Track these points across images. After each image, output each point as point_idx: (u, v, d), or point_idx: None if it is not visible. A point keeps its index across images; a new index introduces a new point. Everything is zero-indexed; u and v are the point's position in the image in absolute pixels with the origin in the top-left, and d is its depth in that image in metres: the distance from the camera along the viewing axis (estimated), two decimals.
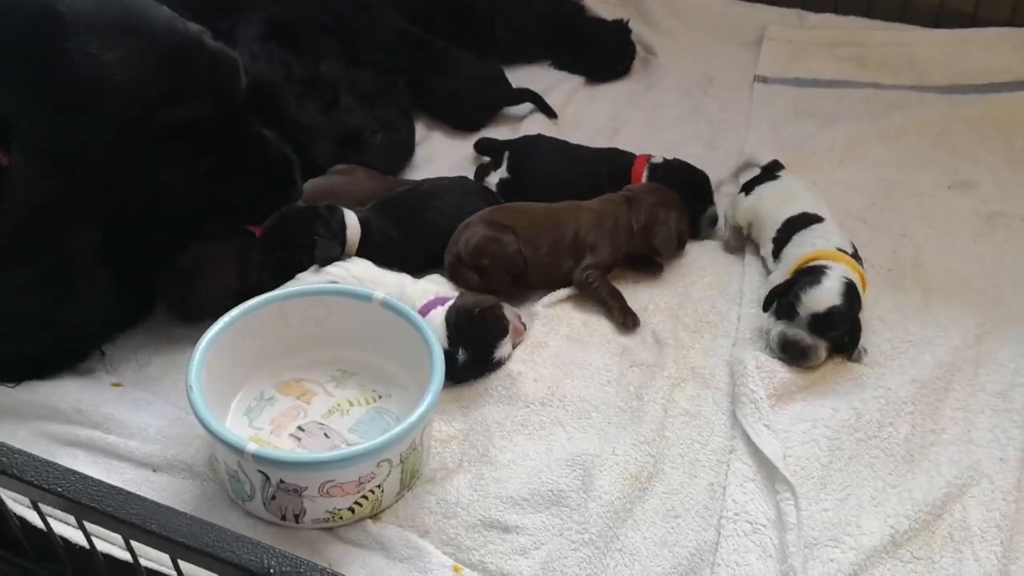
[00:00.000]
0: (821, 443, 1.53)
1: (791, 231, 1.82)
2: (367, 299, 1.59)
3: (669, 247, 1.89)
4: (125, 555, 1.29)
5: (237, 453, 1.33)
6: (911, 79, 2.50)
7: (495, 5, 2.56)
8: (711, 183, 2.04)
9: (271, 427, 1.54)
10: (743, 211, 1.95)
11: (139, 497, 1.16)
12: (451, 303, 1.66)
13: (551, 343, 1.74)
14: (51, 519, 1.31)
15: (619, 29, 2.58)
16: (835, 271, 1.67)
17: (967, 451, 1.55)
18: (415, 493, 1.49)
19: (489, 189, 2.04)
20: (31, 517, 1.35)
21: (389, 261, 1.75)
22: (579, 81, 2.57)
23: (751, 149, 2.27)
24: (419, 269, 1.81)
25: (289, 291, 1.61)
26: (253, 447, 1.33)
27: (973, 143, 2.30)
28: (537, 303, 1.82)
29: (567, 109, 2.46)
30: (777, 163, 1.99)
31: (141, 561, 1.25)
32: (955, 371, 1.68)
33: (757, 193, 1.93)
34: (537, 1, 2.62)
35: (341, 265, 1.70)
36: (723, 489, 1.49)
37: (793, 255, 1.77)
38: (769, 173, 1.95)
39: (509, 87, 2.43)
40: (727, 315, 1.81)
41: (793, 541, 1.39)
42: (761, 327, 1.75)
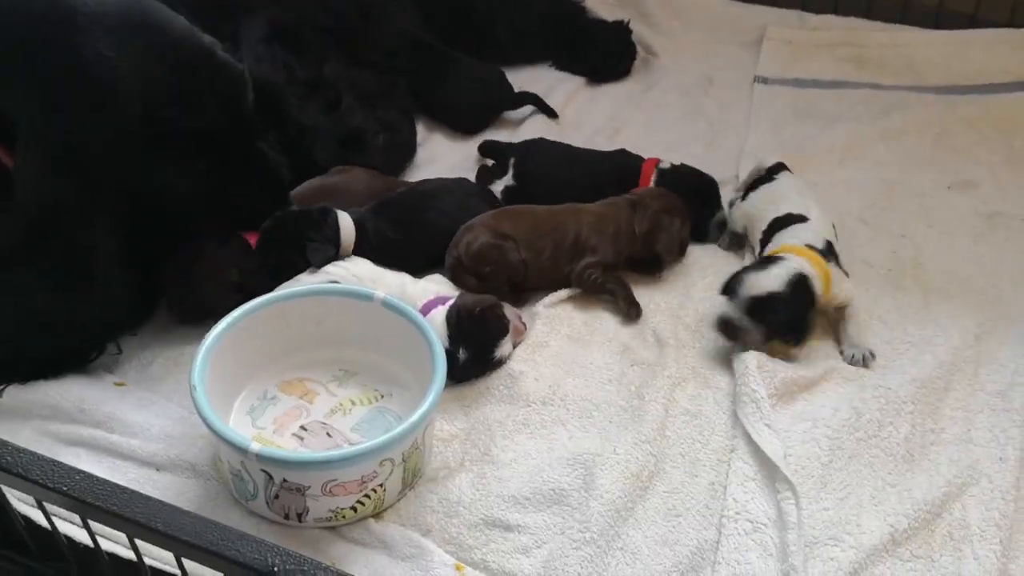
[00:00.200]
0: (821, 442, 1.54)
1: (773, 231, 1.84)
2: (368, 299, 1.60)
3: (671, 253, 1.90)
4: (129, 554, 1.30)
5: (241, 452, 1.34)
6: (911, 80, 2.51)
7: (496, 6, 2.57)
8: (718, 186, 2.05)
9: (274, 426, 1.55)
10: (738, 216, 1.97)
11: (144, 496, 1.16)
12: (452, 302, 1.67)
13: (552, 343, 1.75)
14: (55, 518, 1.31)
15: (620, 30, 2.59)
16: (789, 263, 1.68)
17: (967, 450, 1.56)
18: (417, 492, 1.50)
19: (489, 190, 2.04)
20: (35, 516, 1.36)
21: (388, 261, 1.76)
22: (579, 82, 2.58)
23: (751, 149, 2.28)
24: (420, 269, 1.81)
25: (291, 291, 1.62)
26: (257, 447, 1.33)
27: (972, 143, 2.30)
28: (538, 303, 1.83)
29: (568, 110, 2.47)
30: (780, 165, 1.99)
31: (145, 560, 1.26)
32: (955, 371, 1.69)
33: (750, 198, 1.94)
34: (538, 2, 2.63)
35: (342, 265, 1.71)
36: (724, 488, 1.50)
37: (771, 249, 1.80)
38: (766, 177, 1.96)
39: (510, 90, 2.43)
40: None
41: (794, 540, 1.39)
42: None
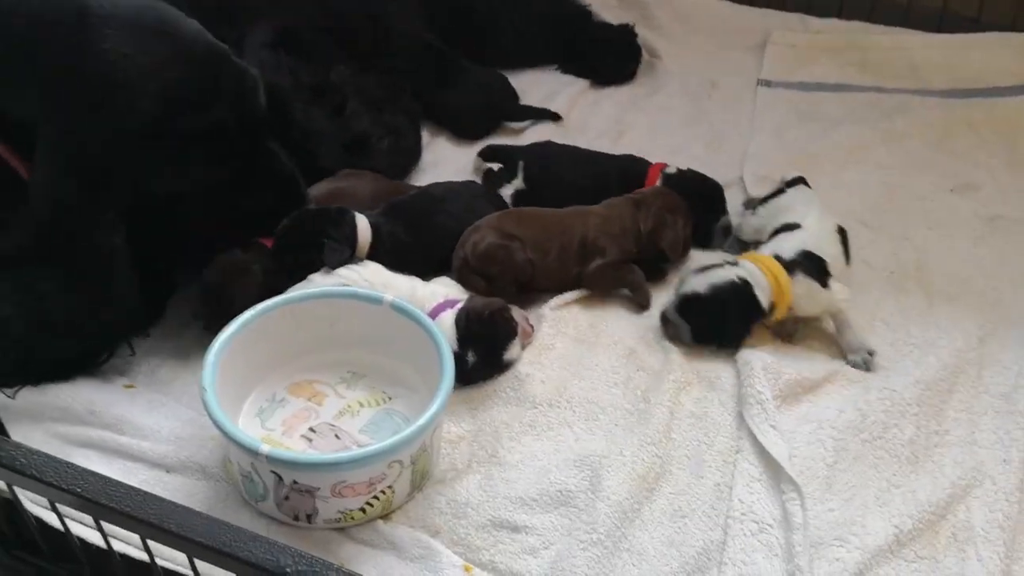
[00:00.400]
0: (827, 444, 1.55)
1: (769, 240, 1.85)
2: (377, 302, 1.61)
3: (676, 250, 1.91)
4: (141, 555, 1.32)
5: (251, 454, 1.35)
6: (913, 83, 2.52)
7: (500, 9, 2.58)
8: (723, 191, 2.06)
9: (283, 428, 1.56)
10: (748, 227, 1.98)
11: (157, 497, 1.18)
12: (460, 306, 1.68)
13: (558, 345, 1.76)
14: (68, 519, 1.33)
15: (625, 33, 2.60)
16: (733, 269, 1.71)
17: (971, 452, 1.57)
18: (425, 494, 1.51)
19: (497, 194, 2.05)
20: (48, 517, 1.37)
21: (399, 264, 1.77)
22: (583, 85, 2.59)
23: (755, 153, 2.29)
24: (428, 272, 1.82)
25: (301, 294, 1.63)
26: (267, 448, 1.34)
27: (974, 146, 2.32)
28: (544, 305, 1.84)
29: (572, 113, 2.48)
30: (798, 179, 1.98)
31: (157, 561, 1.27)
32: (959, 373, 1.70)
33: (759, 211, 1.95)
34: (542, 5, 2.64)
35: (353, 268, 1.71)
36: (729, 489, 1.51)
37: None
38: (780, 190, 1.96)
39: (514, 96, 2.45)
40: None
41: (799, 541, 1.40)
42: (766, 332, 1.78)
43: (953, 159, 2.27)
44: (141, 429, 1.58)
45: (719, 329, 1.72)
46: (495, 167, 2.16)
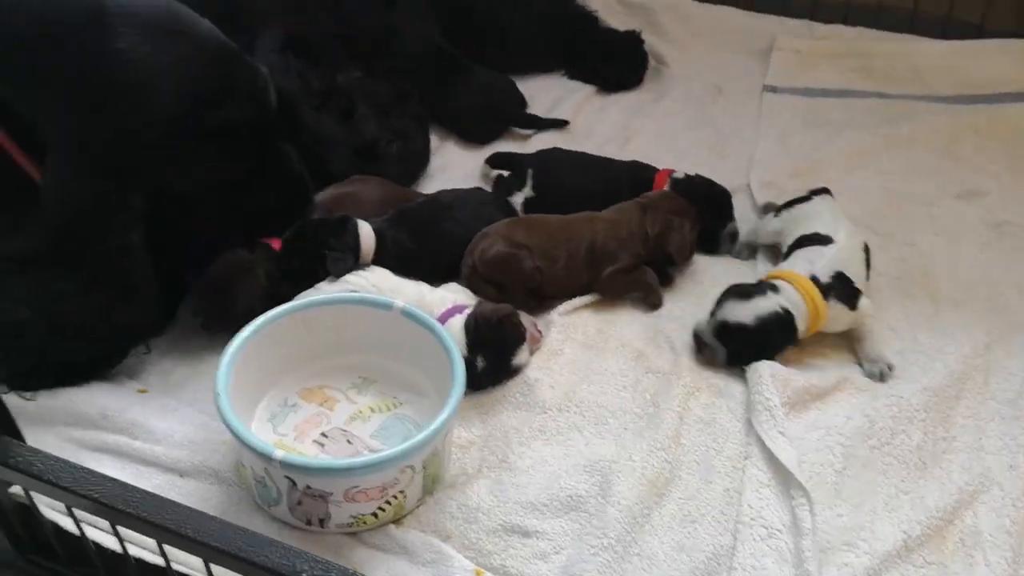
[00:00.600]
0: (835, 450, 1.56)
1: (797, 247, 1.84)
2: (387, 307, 1.62)
3: (683, 253, 1.92)
4: (156, 559, 1.33)
5: (265, 459, 1.36)
6: (918, 89, 2.53)
7: (507, 16, 2.59)
8: (731, 198, 2.06)
9: (295, 433, 1.57)
10: (768, 230, 1.98)
11: (173, 503, 1.19)
12: (469, 311, 1.69)
13: (567, 350, 1.77)
14: (83, 524, 1.33)
15: (632, 40, 2.61)
16: (776, 297, 1.69)
17: (978, 458, 1.58)
18: (436, 498, 1.52)
19: (506, 200, 2.06)
20: (63, 522, 1.38)
21: (405, 271, 1.78)
22: (590, 91, 2.60)
23: (761, 158, 2.30)
24: (436, 278, 1.83)
25: (312, 300, 1.64)
26: (281, 454, 1.35)
27: (980, 153, 2.33)
28: (553, 311, 1.84)
29: (578, 119, 2.49)
30: (823, 189, 1.98)
31: (172, 565, 1.28)
32: (965, 379, 1.71)
33: (783, 215, 1.95)
34: (550, 12, 2.65)
35: (360, 274, 1.73)
36: (739, 495, 1.51)
37: (784, 263, 1.81)
38: (805, 197, 1.96)
39: (521, 102, 2.46)
40: None
41: (808, 546, 1.41)
42: None
43: (959, 165, 2.28)
44: (154, 433, 1.59)
45: (757, 355, 1.70)
46: (505, 174, 2.16)
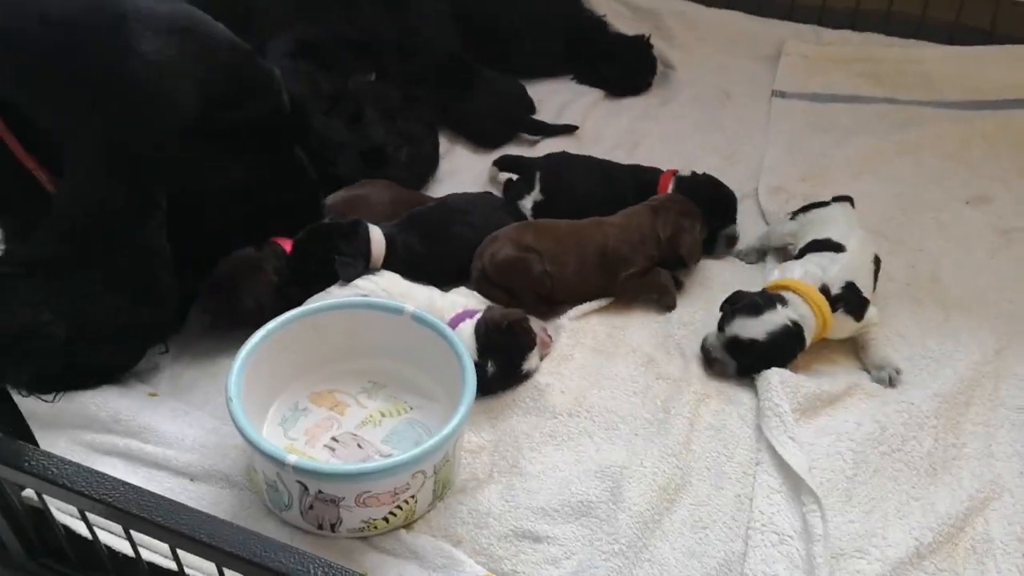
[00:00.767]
0: (846, 456, 1.56)
1: (809, 251, 1.84)
2: (398, 312, 1.62)
3: (694, 255, 1.93)
4: (168, 563, 1.33)
5: (278, 464, 1.36)
6: (927, 95, 2.53)
7: (517, 20, 2.60)
8: (736, 202, 2.06)
9: (306, 438, 1.57)
10: (782, 232, 1.98)
11: (187, 507, 1.19)
12: (479, 316, 1.69)
13: (577, 355, 1.77)
14: (96, 528, 1.34)
15: (641, 45, 2.62)
16: (785, 311, 1.69)
17: (988, 465, 1.58)
18: (447, 503, 1.52)
19: (515, 204, 2.06)
20: (75, 526, 1.38)
21: (414, 275, 1.78)
22: (598, 95, 2.61)
23: (770, 164, 2.31)
24: (446, 282, 1.83)
25: (323, 304, 1.64)
26: (294, 459, 1.35)
27: (988, 158, 2.33)
28: (563, 316, 1.85)
29: (586, 123, 2.49)
30: (844, 197, 1.98)
31: (185, 570, 1.28)
32: (975, 386, 1.71)
33: (799, 218, 1.95)
34: (559, 16, 2.66)
35: (371, 279, 1.73)
36: (750, 501, 1.51)
37: (787, 269, 1.81)
38: (824, 203, 1.97)
39: (531, 108, 2.47)
40: None
41: (820, 552, 1.41)
42: None
43: (968, 171, 2.28)
44: (165, 437, 1.59)
45: (767, 367, 1.70)
46: (513, 178, 2.17)
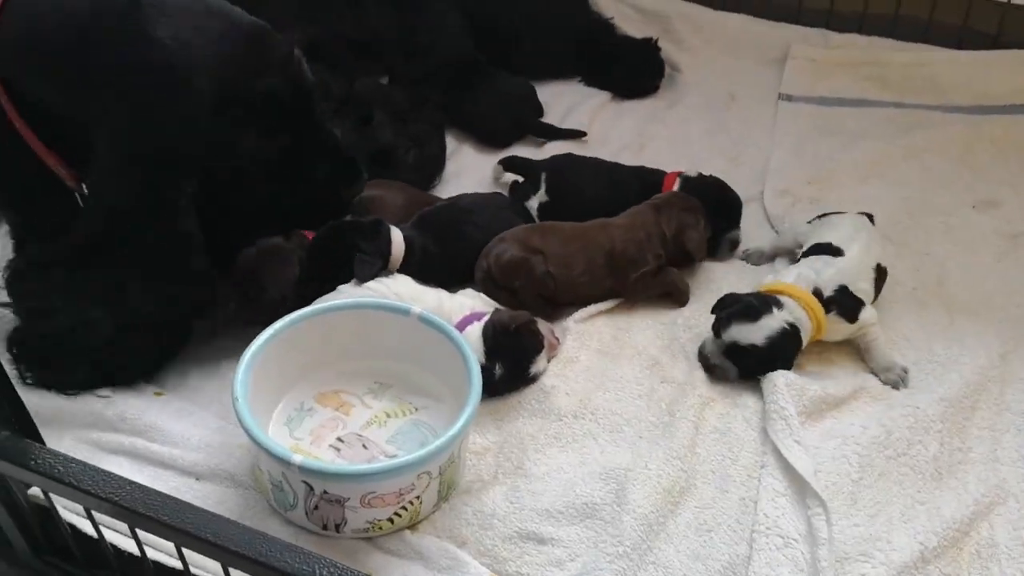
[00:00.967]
0: (851, 459, 1.56)
1: (808, 255, 1.85)
2: (405, 313, 1.63)
3: (701, 250, 1.93)
4: (173, 562, 1.33)
5: (283, 464, 1.36)
6: (934, 99, 2.53)
7: (524, 22, 2.60)
8: (741, 207, 2.07)
9: (311, 438, 1.57)
10: (792, 236, 1.98)
11: (193, 507, 1.20)
12: (487, 319, 1.69)
13: (582, 357, 1.77)
14: (101, 526, 1.34)
15: (649, 48, 2.62)
16: (781, 314, 1.69)
17: (993, 469, 1.58)
18: (452, 504, 1.52)
19: (523, 205, 2.07)
20: (81, 524, 1.39)
21: (427, 275, 1.79)
22: (605, 97, 2.61)
23: (776, 167, 2.30)
24: (455, 283, 1.84)
25: (331, 305, 1.65)
26: (299, 458, 1.35)
27: (995, 163, 2.32)
28: (568, 318, 1.85)
29: (593, 125, 2.49)
30: (866, 214, 1.97)
31: (190, 568, 1.29)
32: (981, 390, 1.71)
33: (813, 223, 1.95)
34: (566, 18, 2.66)
35: (382, 281, 1.73)
36: (755, 504, 1.51)
37: (782, 273, 1.82)
38: (838, 211, 1.97)
39: (539, 110, 2.48)
40: None
41: (824, 556, 1.41)
42: None
43: (974, 175, 2.28)
44: (171, 437, 1.60)
45: (767, 370, 1.71)
46: (519, 179, 2.17)
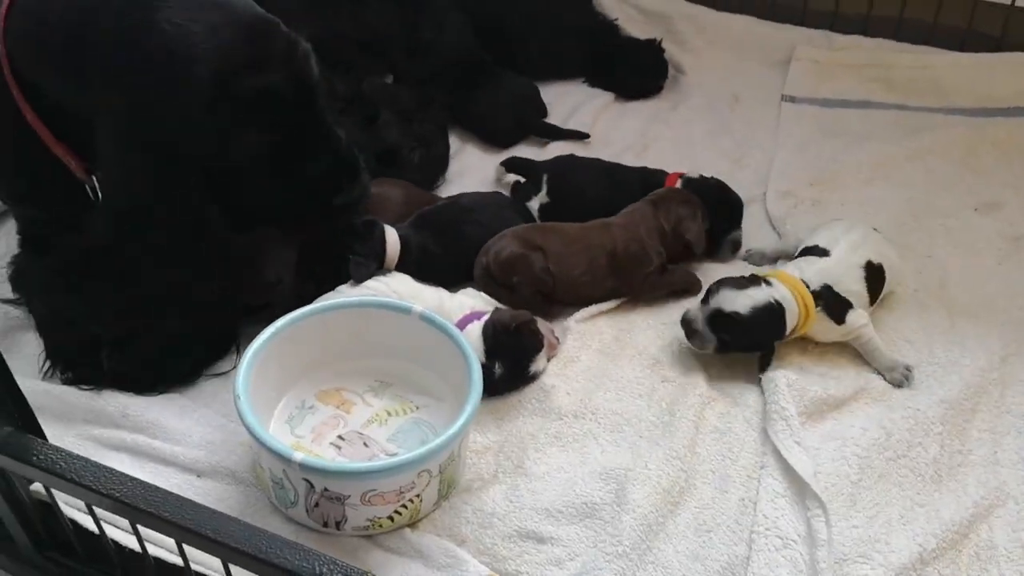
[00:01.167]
0: (851, 461, 1.56)
1: (798, 257, 1.87)
2: (406, 312, 1.63)
3: (700, 240, 1.94)
4: (174, 558, 1.34)
5: (284, 461, 1.37)
6: (937, 101, 2.52)
7: (528, 22, 2.60)
8: (743, 209, 2.07)
9: (312, 435, 1.58)
10: (796, 238, 1.98)
11: (193, 503, 1.20)
12: (488, 318, 1.69)
13: (583, 357, 1.77)
14: (103, 522, 1.35)
15: (653, 49, 2.62)
16: (770, 289, 1.70)
17: (993, 472, 1.58)
18: (452, 503, 1.52)
19: (524, 205, 2.07)
20: (82, 520, 1.39)
21: (427, 274, 1.79)
22: (608, 98, 2.60)
23: (779, 168, 2.30)
24: (455, 281, 1.85)
25: (332, 303, 1.65)
26: (300, 456, 1.36)
27: (998, 165, 2.32)
28: (569, 318, 1.85)
29: (596, 126, 2.49)
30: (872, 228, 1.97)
31: (191, 564, 1.29)
32: (981, 393, 1.71)
33: (816, 228, 1.95)
34: (571, 19, 2.66)
35: (382, 280, 1.73)
36: (754, 504, 1.52)
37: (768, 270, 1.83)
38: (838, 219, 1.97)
39: (542, 110, 2.48)
40: None
41: (823, 557, 1.41)
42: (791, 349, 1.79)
43: (977, 178, 2.28)
44: (173, 433, 1.60)
45: (746, 347, 1.73)
46: (520, 180, 2.17)
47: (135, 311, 1.68)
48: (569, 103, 2.56)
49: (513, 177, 2.21)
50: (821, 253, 1.82)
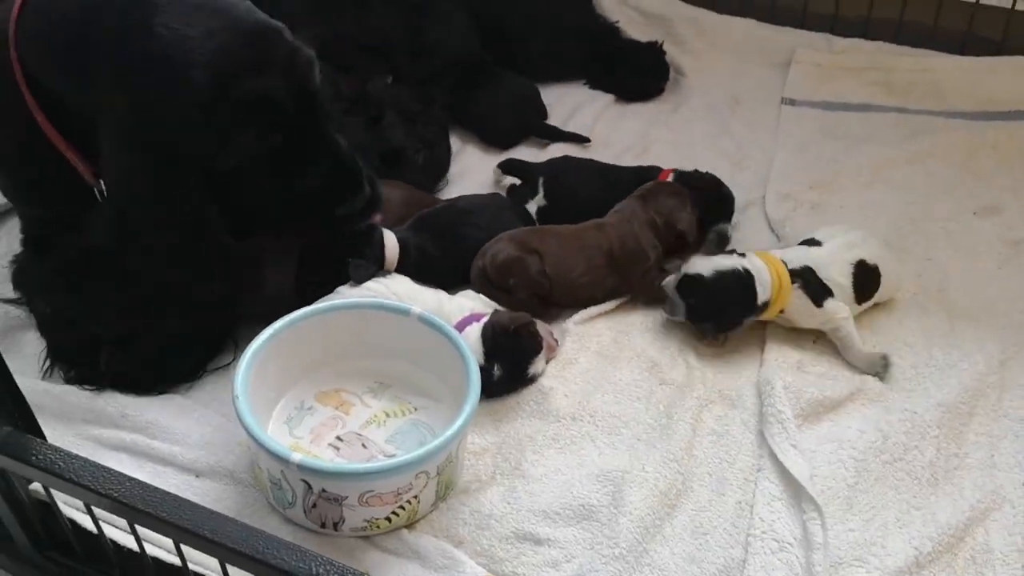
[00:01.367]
0: (847, 464, 1.57)
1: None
2: (405, 313, 1.64)
3: (691, 229, 1.95)
4: (172, 558, 1.34)
5: (282, 462, 1.37)
6: (938, 105, 2.52)
7: (529, 24, 2.60)
8: (734, 203, 2.08)
9: (311, 436, 1.58)
10: (796, 241, 1.98)
11: (192, 503, 1.20)
12: (486, 320, 1.70)
13: (581, 359, 1.78)
14: (101, 522, 1.35)
15: (654, 51, 2.62)
16: (741, 260, 1.75)
17: (990, 476, 1.58)
18: (449, 504, 1.53)
19: (523, 207, 2.07)
20: (81, 519, 1.40)
21: (426, 276, 1.79)
22: (608, 100, 2.60)
23: (779, 170, 2.31)
24: (454, 284, 1.85)
25: (331, 304, 1.65)
26: (298, 457, 1.36)
27: (999, 169, 2.32)
28: (568, 320, 1.86)
29: (596, 128, 2.49)
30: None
31: (188, 565, 1.29)
32: (979, 396, 1.71)
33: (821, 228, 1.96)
34: (572, 20, 2.66)
35: (381, 282, 1.74)
36: (750, 507, 1.52)
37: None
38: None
39: (541, 110, 2.48)
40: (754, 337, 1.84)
41: (819, 560, 1.42)
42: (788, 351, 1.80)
43: (977, 181, 2.28)
44: (172, 434, 1.61)
45: (714, 313, 1.75)
46: (517, 183, 2.18)
47: (135, 311, 1.68)
48: (569, 104, 2.56)
49: (511, 180, 2.21)
50: (814, 244, 1.86)
